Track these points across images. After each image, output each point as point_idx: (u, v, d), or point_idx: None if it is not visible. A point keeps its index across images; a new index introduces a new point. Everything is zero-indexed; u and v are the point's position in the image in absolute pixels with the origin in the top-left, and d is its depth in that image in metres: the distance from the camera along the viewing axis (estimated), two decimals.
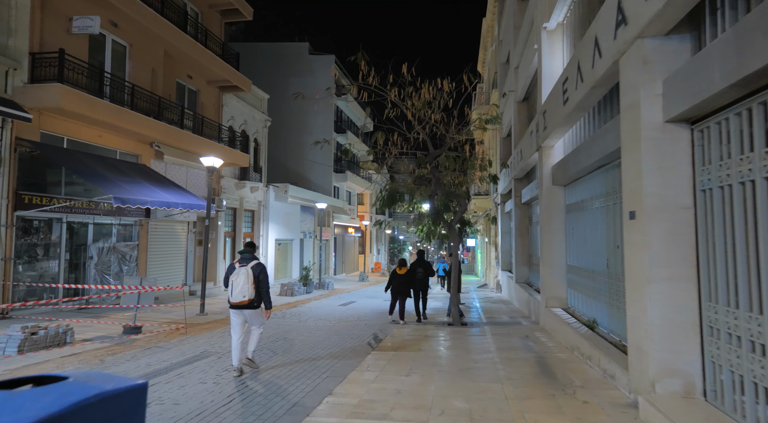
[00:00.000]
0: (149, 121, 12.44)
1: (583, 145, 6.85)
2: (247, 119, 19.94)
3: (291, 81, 29.62)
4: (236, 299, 5.56)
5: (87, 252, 11.60)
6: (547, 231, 8.85)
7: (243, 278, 5.53)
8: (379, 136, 9.07)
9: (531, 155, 10.29)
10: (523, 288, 12.48)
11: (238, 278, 5.54)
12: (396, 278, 10.23)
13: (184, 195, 13.04)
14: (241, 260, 5.71)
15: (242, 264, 5.64)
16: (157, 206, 10.87)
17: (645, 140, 4.04)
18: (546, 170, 8.93)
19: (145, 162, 13.58)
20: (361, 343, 7.97)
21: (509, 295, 15.52)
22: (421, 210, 18.39)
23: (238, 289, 5.52)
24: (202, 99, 16.56)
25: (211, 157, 11.52)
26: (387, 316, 11.47)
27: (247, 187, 19.62)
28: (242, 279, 5.53)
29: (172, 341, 7.94)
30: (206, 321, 10.30)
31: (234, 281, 5.56)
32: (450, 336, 8.50)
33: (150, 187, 11.76)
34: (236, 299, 5.56)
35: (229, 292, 5.61)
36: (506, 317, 11.09)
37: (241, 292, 5.52)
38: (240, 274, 5.56)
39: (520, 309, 12.57)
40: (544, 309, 8.92)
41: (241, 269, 5.59)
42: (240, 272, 5.57)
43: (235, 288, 5.54)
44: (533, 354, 6.71)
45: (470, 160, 9.16)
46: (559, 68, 8.90)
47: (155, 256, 14.11)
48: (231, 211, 19.23)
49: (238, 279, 5.54)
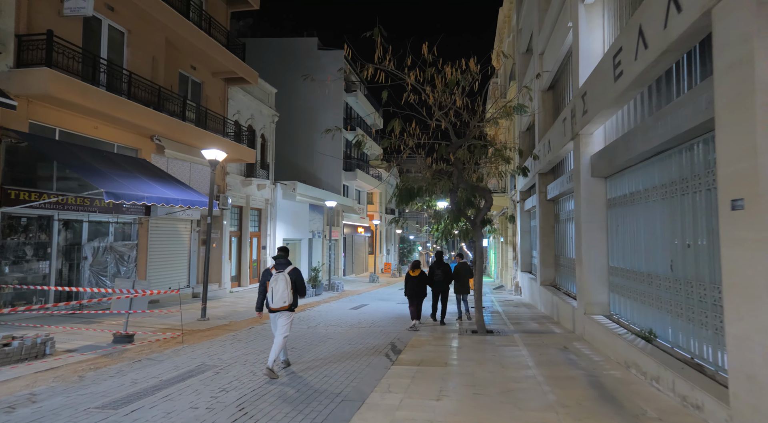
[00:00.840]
0: (149, 112, 11.64)
1: (639, 128, 5.88)
2: (253, 114, 19.14)
3: (300, 77, 28.80)
4: (277, 305, 5.68)
5: (81, 252, 10.82)
6: (586, 229, 7.88)
7: (282, 284, 5.66)
8: (395, 124, 8.13)
9: (563, 146, 9.32)
10: (549, 291, 11.50)
11: (278, 284, 5.66)
12: (410, 280, 9.94)
13: (186, 191, 12.23)
14: (277, 266, 5.84)
15: (279, 270, 5.78)
16: (155, 202, 10.05)
17: (761, 106, 3.09)
18: (584, 161, 7.96)
19: (146, 156, 12.80)
20: (378, 355, 7.07)
21: (532, 298, 14.53)
22: (436, 207, 17.50)
23: (278, 295, 5.65)
24: (206, 91, 15.77)
25: (213, 150, 10.69)
26: (403, 321, 10.61)
27: (254, 184, 18.81)
28: (281, 285, 5.66)
29: (167, 352, 7.09)
30: (207, 327, 9.45)
31: (273, 288, 5.68)
32: (477, 346, 7.56)
33: (149, 183, 10.96)
34: (277, 305, 5.68)
35: (269, 299, 5.72)
36: (534, 324, 10.11)
37: (281, 298, 5.66)
38: (279, 280, 5.68)
39: (547, 314, 11.58)
40: (582, 316, 7.95)
41: (279, 275, 5.71)
42: (278, 278, 5.69)
43: (275, 294, 5.66)
44: (582, 371, 5.75)
45: (498, 150, 8.20)
46: (599, 46, 7.94)
47: (156, 257, 13.32)
48: (237, 209, 18.44)
49: (277, 285, 5.66)
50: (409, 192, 9.21)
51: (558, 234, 12.12)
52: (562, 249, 11.60)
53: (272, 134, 20.99)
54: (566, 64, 10.65)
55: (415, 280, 9.84)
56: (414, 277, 9.88)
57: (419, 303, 9.86)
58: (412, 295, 9.82)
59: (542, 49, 12.37)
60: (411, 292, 9.83)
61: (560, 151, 9.80)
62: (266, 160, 20.40)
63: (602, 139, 7.89)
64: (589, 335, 7.60)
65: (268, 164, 20.40)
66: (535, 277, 15.00)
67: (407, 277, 9.99)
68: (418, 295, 9.81)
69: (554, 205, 12.51)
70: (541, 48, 12.37)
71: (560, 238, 11.89)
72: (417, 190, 9.26)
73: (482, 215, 9.04)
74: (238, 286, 18.26)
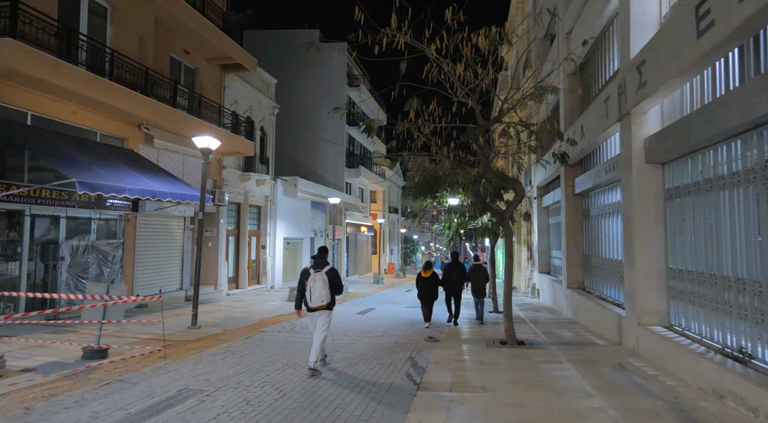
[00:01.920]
0: (134, 97, 10.47)
1: (734, 94, 4.70)
2: (252, 105, 17.98)
3: (301, 70, 27.72)
4: (315, 304, 5.80)
5: (58, 251, 9.67)
6: (638, 224, 6.71)
7: (320, 284, 5.76)
8: (413, 103, 6.96)
9: (602, 130, 8.16)
10: (579, 295, 10.33)
11: (316, 284, 5.76)
12: (421, 281, 9.81)
13: (177, 184, 11.08)
14: (315, 265, 5.94)
15: (316, 269, 5.88)
16: (139, 196, 8.90)
17: None
18: (635, 144, 6.79)
19: (133, 147, 11.64)
20: (397, 374, 5.91)
21: (554, 302, 13.36)
22: (447, 204, 16.34)
23: (316, 294, 5.76)
24: (201, 79, 14.61)
25: (205, 137, 9.53)
26: (417, 328, 9.49)
27: (253, 179, 17.66)
28: (320, 285, 5.76)
29: (145, 371, 5.93)
30: (197, 337, 8.30)
31: (312, 287, 5.78)
32: (514, 363, 6.40)
33: (134, 174, 9.81)
34: (315, 304, 5.80)
35: (308, 298, 5.81)
36: (567, 332, 8.94)
37: (319, 297, 5.77)
38: (317, 279, 5.78)
39: (576, 320, 10.41)
40: (634, 326, 6.78)
41: (317, 275, 5.80)
42: (316, 278, 5.79)
43: (314, 293, 5.76)
44: (660, 402, 4.58)
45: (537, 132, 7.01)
46: (655, 9, 6.77)
47: (145, 257, 12.17)
48: (234, 206, 17.29)
49: (315, 285, 5.76)
50: (429, 182, 8.05)
51: (588, 231, 10.95)
52: (594, 248, 10.43)
53: (272, 127, 19.83)
54: (602, 40, 9.48)
55: (428, 281, 9.68)
56: (426, 278, 9.72)
57: (431, 304, 9.74)
58: (425, 296, 9.68)
59: (570, 28, 11.19)
60: (423, 293, 9.69)
61: (597, 137, 8.63)
62: (266, 154, 19.24)
63: (658, 119, 6.73)
64: (646, 350, 6.43)
65: (267, 159, 19.24)
66: (558, 278, 13.84)
67: (419, 278, 9.84)
68: (430, 296, 9.68)
69: (583, 200, 11.34)
70: (569, 26, 11.19)
71: (591, 236, 10.71)
72: (438, 181, 8.08)
73: (513, 209, 7.88)
74: (236, 288, 17.11)
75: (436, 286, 9.75)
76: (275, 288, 18.92)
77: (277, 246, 19.47)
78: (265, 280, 18.78)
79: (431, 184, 7.95)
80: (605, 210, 9.50)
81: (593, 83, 10.31)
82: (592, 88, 10.43)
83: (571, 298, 11.07)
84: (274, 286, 19.15)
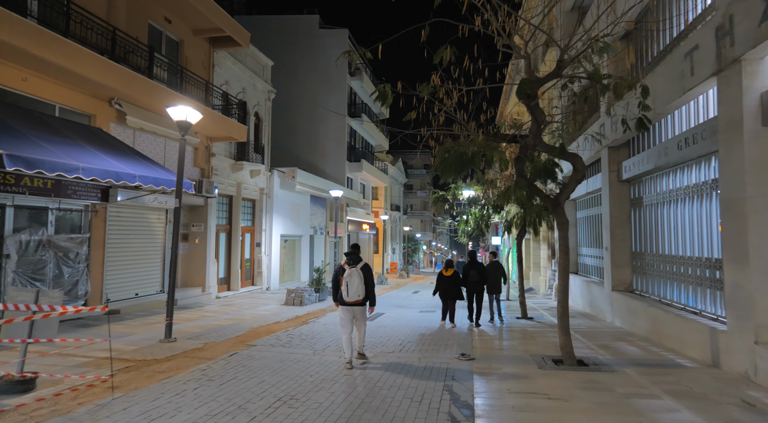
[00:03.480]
0: (99, 61, 8.73)
1: None
2: (245, 87, 16.23)
3: (300, 58, 26.01)
4: (352, 299, 6.01)
5: (2, 248, 7.93)
6: (753, 208, 5.02)
7: (357, 279, 6.00)
8: (445, 53, 5.23)
9: (683, 92, 6.43)
10: (633, 300, 8.63)
11: (353, 279, 5.99)
12: (443, 281, 9.72)
13: (152, 169, 9.35)
14: (349, 262, 6.15)
15: (351, 265, 6.10)
16: (96, 177, 7.18)
17: None
18: (748, 101, 5.08)
19: (102, 126, 9.91)
20: (436, 419, 4.19)
21: (591, 306, 11.65)
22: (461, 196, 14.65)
23: (353, 289, 5.98)
24: (186, 53, 12.87)
25: (182, 107, 7.77)
26: (439, 339, 7.80)
27: (246, 169, 15.91)
28: (356, 280, 6.00)
29: (79, 412, 4.20)
30: (168, 355, 6.55)
31: (348, 282, 5.99)
32: (592, 397, 4.68)
33: (97, 154, 8.09)
34: (352, 299, 6.01)
35: (345, 292, 6.00)
36: (631, 348, 7.22)
37: (356, 292, 5.99)
38: (353, 275, 6.02)
39: (629, 329, 8.71)
40: (749, 346, 5.06)
41: (353, 271, 6.04)
42: (353, 273, 6.03)
43: (350, 288, 5.98)
44: None
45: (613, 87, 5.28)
46: None
47: (118, 254, 10.43)
48: (225, 199, 15.55)
49: (352, 280, 5.99)
50: (459, 159, 6.32)
51: (640, 224, 9.24)
52: (649, 243, 8.74)
53: (268, 113, 18.08)
54: None
55: (450, 281, 9.62)
56: (448, 277, 9.65)
57: (453, 305, 9.67)
58: (447, 295, 9.62)
59: None
60: (445, 292, 9.62)
61: (669, 105, 6.91)
62: (261, 142, 17.48)
63: None
64: None
65: (263, 147, 17.49)
66: (592, 279, 12.13)
67: (440, 277, 9.74)
68: (452, 295, 9.61)
69: (631, 188, 9.64)
70: None
71: (644, 228, 9.01)
72: (471, 156, 6.35)
73: (571, 191, 6.17)
74: (227, 290, 15.37)
75: (459, 286, 9.68)
76: (271, 290, 17.18)
77: (273, 244, 17.73)
78: (260, 281, 17.04)
79: (463, 160, 6.24)
80: (671, 196, 7.80)
81: (650, 44, 8.59)
82: (648, 50, 8.73)
83: (618, 302, 9.36)
84: (270, 287, 17.41)
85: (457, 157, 6.36)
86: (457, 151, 6.39)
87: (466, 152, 6.41)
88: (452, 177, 6.57)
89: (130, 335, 7.79)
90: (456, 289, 9.60)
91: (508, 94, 24.90)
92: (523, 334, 8.69)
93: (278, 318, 10.52)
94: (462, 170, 6.39)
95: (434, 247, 76.59)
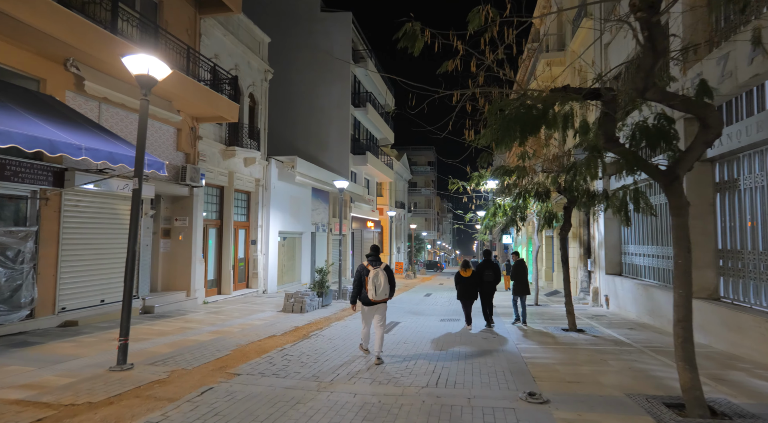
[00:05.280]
0: (42, 3, 6.81)
1: None
2: (239, 63, 14.30)
3: (300, 43, 24.08)
4: (380, 297, 6.26)
5: None
6: None
7: (383, 279, 6.25)
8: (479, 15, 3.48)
9: None
10: (737, 313, 6.68)
11: (379, 279, 6.24)
12: (461, 282, 9.46)
13: (115, 144, 7.42)
14: (372, 263, 6.39)
15: (374, 266, 6.34)
16: (18, 145, 5.24)
17: None
18: None
19: (55, 94, 7.99)
20: None
21: (650, 316, 9.70)
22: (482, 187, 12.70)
23: (381, 288, 6.23)
24: (166, 16, 10.92)
25: (142, 56, 5.79)
26: (482, 366, 5.81)
27: (239, 156, 13.99)
28: (383, 280, 6.24)
29: None
30: (110, 396, 4.59)
31: (375, 282, 6.22)
32: None
33: (35, 122, 6.16)
34: (380, 297, 6.26)
35: (372, 292, 6.21)
36: (763, 383, 5.28)
37: (383, 292, 6.25)
38: (379, 276, 6.25)
39: (726, 351, 6.76)
40: None
41: (378, 271, 6.28)
42: (378, 274, 6.25)
43: (378, 288, 6.22)
44: None
45: None
46: None
47: (76, 253, 8.49)
48: (215, 190, 13.63)
49: (379, 280, 6.23)
50: (527, 114, 4.37)
51: (731, 213, 7.29)
52: (745, 238, 6.79)
53: (264, 96, 16.13)
54: None
55: (470, 281, 9.40)
56: (466, 278, 9.43)
57: (470, 306, 9.45)
58: (467, 296, 9.39)
59: None
60: (466, 293, 9.39)
61: None
62: (256, 127, 15.54)
63: None
64: None
65: (258, 132, 15.55)
66: (646, 282, 10.19)
67: (459, 278, 9.51)
68: (472, 296, 9.41)
69: (718, 168, 7.70)
70: None
71: (738, 220, 7.07)
72: (543, 111, 4.40)
73: (695, 157, 4.22)
74: (218, 293, 13.44)
75: (476, 286, 9.47)
76: (268, 293, 15.25)
77: (270, 241, 15.79)
78: (255, 283, 15.10)
79: (534, 116, 4.32)
80: None
81: None
82: None
83: (707, 314, 7.39)
84: (267, 290, 15.48)
85: (526, 111, 4.40)
86: (524, 103, 4.45)
87: (535, 105, 4.47)
88: (512, 143, 4.63)
89: (73, 359, 5.86)
90: (475, 290, 9.42)
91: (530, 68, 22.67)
92: (587, 355, 6.75)
93: (273, 330, 8.60)
94: (532, 130, 4.43)
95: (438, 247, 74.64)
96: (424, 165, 66.43)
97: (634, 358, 6.53)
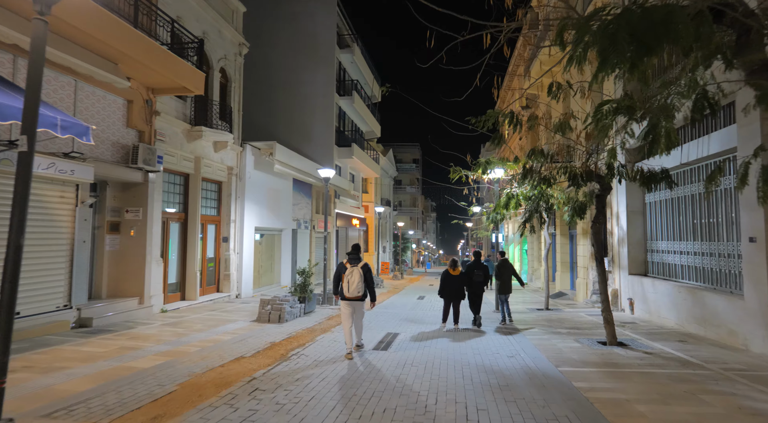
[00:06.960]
0: None
1: None
2: (207, 31, 12.30)
3: (281, 26, 22.09)
4: (353, 294, 6.51)
5: None
6: None
7: (357, 277, 6.51)
8: None
9: None
10: None
11: (353, 277, 6.50)
12: (449, 280, 9.16)
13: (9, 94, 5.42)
14: (350, 261, 6.62)
15: (353, 264, 6.58)
16: None
17: None
18: None
19: None
20: None
21: (699, 324, 8.11)
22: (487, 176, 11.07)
23: (354, 286, 6.49)
24: None
25: None
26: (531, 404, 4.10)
27: (208, 138, 11.98)
28: (357, 278, 6.50)
29: None
30: None
31: (350, 280, 6.49)
32: None
33: None
34: (353, 294, 6.51)
35: (346, 288, 6.51)
36: None
37: (356, 289, 6.50)
38: (354, 273, 6.51)
39: None
40: None
41: (354, 269, 6.53)
42: (353, 272, 6.52)
43: (351, 286, 6.49)
44: None
45: None
46: None
47: None
48: (179, 178, 11.61)
49: (353, 278, 6.50)
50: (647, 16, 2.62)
51: None
52: None
53: (239, 72, 14.13)
54: None
55: (458, 280, 9.14)
56: (455, 276, 9.17)
57: (457, 305, 9.22)
58: (452, 295, 9.12)
59: None
60: (451, 293, 9.10)
61: None
62: (228, 106, 13.54)
63: None
64: None
65: (231, 113, 13.55)
66: (691, 284, 8.61)
67: (447, 277, 9.21)
68: (458, 295, 9.15)
69: None
70: None
71: None
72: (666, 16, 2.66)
73: None
74: (181, 299, 11.43)
75: (463, 286, 9.26)
76: (242, 298, 13.27)
77: (245, 239, 13.81)
78: (227, 286, 13.10)
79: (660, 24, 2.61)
80: None
81: None
82: None
83: None
84: (241, 294, 13.50)
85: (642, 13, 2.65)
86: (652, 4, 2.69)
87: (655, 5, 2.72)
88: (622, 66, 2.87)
89: None
90: (463, 290, 9.25)
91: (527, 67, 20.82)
92: (662, 383, 5.04)
93: (243, 348, 6.71)
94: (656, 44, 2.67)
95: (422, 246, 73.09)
96: (409, 162, 64.79)
97: (726, 388, 4.87)
